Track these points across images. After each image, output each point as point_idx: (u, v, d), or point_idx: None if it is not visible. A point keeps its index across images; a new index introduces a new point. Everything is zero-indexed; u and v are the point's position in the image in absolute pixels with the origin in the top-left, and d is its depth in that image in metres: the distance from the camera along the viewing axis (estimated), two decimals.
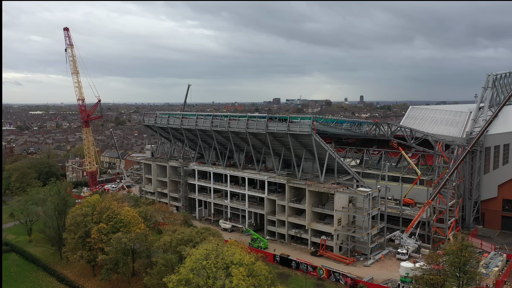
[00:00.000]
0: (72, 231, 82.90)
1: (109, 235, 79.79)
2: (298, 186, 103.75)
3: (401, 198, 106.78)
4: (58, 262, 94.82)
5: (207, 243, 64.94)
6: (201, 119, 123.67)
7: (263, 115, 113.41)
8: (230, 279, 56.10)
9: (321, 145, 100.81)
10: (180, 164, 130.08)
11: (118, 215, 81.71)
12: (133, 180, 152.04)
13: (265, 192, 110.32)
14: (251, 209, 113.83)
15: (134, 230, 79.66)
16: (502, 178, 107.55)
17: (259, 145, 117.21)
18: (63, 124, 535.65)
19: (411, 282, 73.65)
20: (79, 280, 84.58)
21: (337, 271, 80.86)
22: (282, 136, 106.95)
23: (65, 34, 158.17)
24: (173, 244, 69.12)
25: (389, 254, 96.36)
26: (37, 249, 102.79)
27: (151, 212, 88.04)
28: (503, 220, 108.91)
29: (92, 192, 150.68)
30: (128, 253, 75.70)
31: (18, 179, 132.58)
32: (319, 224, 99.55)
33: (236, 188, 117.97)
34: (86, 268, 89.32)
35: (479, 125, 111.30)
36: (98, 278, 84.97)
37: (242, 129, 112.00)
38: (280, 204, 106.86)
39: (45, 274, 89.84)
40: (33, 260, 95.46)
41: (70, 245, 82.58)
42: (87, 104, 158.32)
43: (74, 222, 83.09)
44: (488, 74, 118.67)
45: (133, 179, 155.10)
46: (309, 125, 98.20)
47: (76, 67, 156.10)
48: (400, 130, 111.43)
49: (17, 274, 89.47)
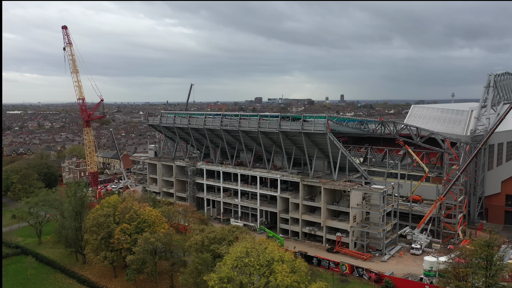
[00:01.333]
0: (94, 232, 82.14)
1: (134, 236, 79.56)
2: (312, 184, 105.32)
3: (411, 195, 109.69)
4: (74, 264, 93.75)
5: (243, 241, 65.66)
6: (210, 119, 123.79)
7: (276, 114, 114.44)
8: (274, 275, 56.98)
9: (335, 143, 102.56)
10: (188, 163, 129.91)
11: (141, 215, 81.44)
12: (136, 180, 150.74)
13: (277, 190, 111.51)
14: (262, 207, 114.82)
15: (158, 230, 79.63)
16: (506, 174, 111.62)
17: (268, 144, 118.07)
18: (45, 124, 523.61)
19: (434, 275, 76.04)
20: (101, 281, 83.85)
21: (360, 267, 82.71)
22: (294, 135, 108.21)
23: (63, 33, 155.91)
24: (205, 243, 69.50)
25: (402, 249, 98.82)
26: (49, 250, 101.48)
27: (173, 212, 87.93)
28: (506, 215, 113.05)
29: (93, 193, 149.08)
30: (156, 253, 75.60)
31: (20, 181, 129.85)
32: (334, 221, 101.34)
33: (247, 187, 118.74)
34: (105, 269, 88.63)
35: (482, 123, 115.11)
36: (119, 279, 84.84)
37: (253, 128, 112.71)
38: (293, 202, 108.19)
39: (63, 276, 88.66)
40: (47, 262, 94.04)
41: (93, 246, 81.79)
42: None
43: (96, 223, 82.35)
44: (489, 74, 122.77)
45: (136, 179, 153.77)
46: (324, 124, 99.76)
47: (76, 66, 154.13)
48: (407, 128, 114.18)
49: (34, 277, 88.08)
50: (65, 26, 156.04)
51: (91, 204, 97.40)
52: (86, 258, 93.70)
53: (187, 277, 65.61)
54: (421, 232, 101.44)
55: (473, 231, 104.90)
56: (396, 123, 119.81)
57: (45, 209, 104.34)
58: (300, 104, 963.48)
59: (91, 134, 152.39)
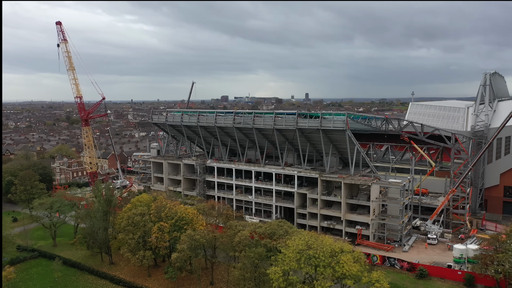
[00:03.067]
0: (130, 231, 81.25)
1: (173, 234, 79.52)
2: (331, 179, 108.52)
3: (420, 188, 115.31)
4: (100, 265, 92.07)
5: (297, 234, 67.64)
6: (221, 117, 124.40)
7: (292, 111, 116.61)
8: (339, 265, 59.31)
9: (352, 140, 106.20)
10: (197, 162, 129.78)
11: (178, 213, 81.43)
12: (138, 180, 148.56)
13: (294, 186, 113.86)
14: (278, 203, 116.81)
15: (197, 227, 79.99)
16: (504, 167, 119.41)
17: (280, 141, 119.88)
18: (8, 123, 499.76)
19: (463, 262, 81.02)
20: (136, 281, 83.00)
21: (392, 257, 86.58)
22: (310, 132, 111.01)
23: (57, 29, 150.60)
24: (256, 237, 70.78)
25: (417, 240, 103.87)
26: (68, 252, 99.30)
27: (208, 209, 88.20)
28: (504, 205, 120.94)
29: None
30: (201, 250, 76.04)
31: (22, 182, 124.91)
32: (354, 214, 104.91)
33: (262, 184, 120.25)
34: (136, 269, 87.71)
35: (481, 119, 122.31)
36: (153, 278, 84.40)
37: (269, 126, 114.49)
38: (311, 198, 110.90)
39: (93, 277, 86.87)
40: (71, 264, 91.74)
41: (130, 246, 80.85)
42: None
43: (131, 222, 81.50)
44: (484, 73, 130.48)
45: (137, 178, 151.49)
46: (343, 121, 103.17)
47: (72, 63, 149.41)
48: (411, 125, 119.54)
49: (62, 279, 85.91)
50: (59, 22, 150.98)
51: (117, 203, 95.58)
52: (114, 259, 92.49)
53: (243, 272, 66.67)
54: (433, 223, 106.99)
55: (479, 221, 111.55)
56: (400, 120, 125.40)
57: (63, 210, 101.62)
58: (267, 103, 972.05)
59: (90, 133, 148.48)
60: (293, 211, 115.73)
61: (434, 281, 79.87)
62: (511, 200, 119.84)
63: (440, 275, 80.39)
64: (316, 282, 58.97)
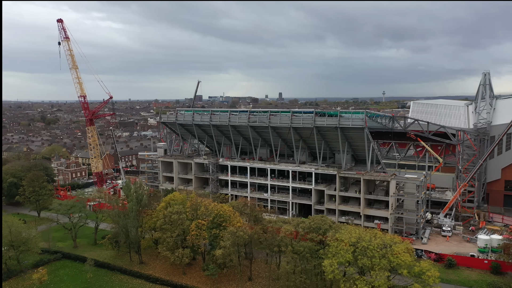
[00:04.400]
0: (168, 229, 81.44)
1: (213, 231, 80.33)
2: (349, 176, 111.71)
3: (431, 183, 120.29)
4: (129, 264, 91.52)
5: (344, 228, 70.11)
6: (235, 115, 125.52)
7: (310, 110, 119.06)
8: (393, 256, 62.06)
9: (369, 137, 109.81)
10: (210, 160, 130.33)
11: (215, 210, 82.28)
12: (145, 179, 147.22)
13: (309, 183, 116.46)
14: (294, 200, 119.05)
15: (235, 224, 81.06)
16: (505, 162, 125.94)
17: (295, 140, 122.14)
18: None
19: (488, 252, 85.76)
20: (172, 279, 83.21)
21: (419, 248, 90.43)
22: (327, 130, 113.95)
23: (59, 27, 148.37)
24: (301, 232, 72.76)
25: (432, 232, 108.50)
26: (91, 253, 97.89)
27: (242, 206, 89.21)
28: (505, 198, 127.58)
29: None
30: (242, 247, 77.25)
31: (30, 183, 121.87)
32: (372, 209, 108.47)
33: (278, 181, 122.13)
34: (168, 267, 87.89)
35: (483, 117, 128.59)
36: (189, 276, 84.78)
37: (285, 124, 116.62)
38: (328, 194, 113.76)
39: (126, 277, 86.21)
40: (100, 264, 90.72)
41: (169, 245, 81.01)
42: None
43: (169, 220, 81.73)
44: (484, 73, 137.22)
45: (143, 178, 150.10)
46: (362, 119, 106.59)
47: (75, 62, 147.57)
48: (417, 123, 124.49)
49: (94, 280, 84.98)
50: (61, 19, 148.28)
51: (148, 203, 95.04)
52: (143, 258, 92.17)
53: (293, 266, 68.44)
54: (445, 217, 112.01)
55: (486, 214, 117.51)
56: (405, 119, 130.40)
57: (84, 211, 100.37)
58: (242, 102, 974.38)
59: (95, 133, 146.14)
60: (308, 207, 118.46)
61: (462, 270, 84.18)
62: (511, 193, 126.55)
63: (467, 265, 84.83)
64: (373, 272, 61.51)
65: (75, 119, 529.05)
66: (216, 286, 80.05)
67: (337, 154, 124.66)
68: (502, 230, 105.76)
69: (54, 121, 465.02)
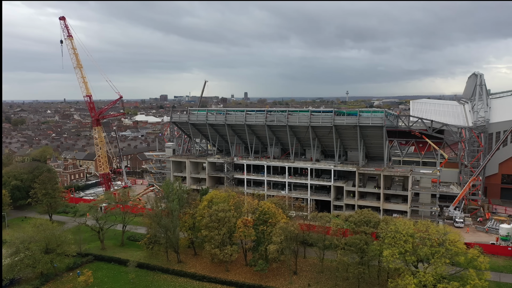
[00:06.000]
0: (215, 227, 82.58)
1: (260, 227, 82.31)
2: (368, 172, 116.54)
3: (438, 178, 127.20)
4: (167, 264, 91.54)
5: (395, 221, 74.24)
6: (252, 115, 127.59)
7: (329, 109, 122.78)
8: (451, 244, 66.71)
9: (385, 135, 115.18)
10: (225, 159, 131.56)
11: (260, 207, 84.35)
12: (154, 179, 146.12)
13: (328, 180, 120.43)
14: (313, 197, 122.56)
15: (279, 220, 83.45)
16: (502, 157, 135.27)
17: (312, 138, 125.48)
18: None
19: (509, 239, 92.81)
20: (218, 276, 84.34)
21: None
22: (345, 129, 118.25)
23: (61, 24, 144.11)
24: (352, 225, 76.29)
25: (444, 224, 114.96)
26: (123, 254, 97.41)
27: (283, 203, 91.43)
28: (502, 191, 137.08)
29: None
30: (293, 241, 79.77)
31: (43, 186, 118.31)
32: (391, 204, 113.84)
33: (296, 179, 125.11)
34: (209, 265, 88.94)
35: (481, 115, 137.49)
36: (232, 272, 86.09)
37: (304, 123, 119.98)
38: (347, 190, 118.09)
39: (170, 276, 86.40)
40: (139, 265, 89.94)
41: (217, 242, 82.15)
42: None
43: (215, 218, 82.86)
44: (476, 74, 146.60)
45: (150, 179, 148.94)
46: (382, 118, 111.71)
47: (79, 61, 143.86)
48: (421, 121, 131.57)
49: (138, 280, 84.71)
50: (63, 17, 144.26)
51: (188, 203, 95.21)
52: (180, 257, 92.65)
53: (350, 258, 71.91)
54: (455, 209, 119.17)
55: (490, 206, 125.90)
56: (411, 117, 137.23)
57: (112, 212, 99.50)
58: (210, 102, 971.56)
59: (102, 133, 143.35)
60: (323, 203, 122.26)
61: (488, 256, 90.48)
62: (508, 186, 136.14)
63: (492, 252, 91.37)
64: (432, 260, 65.84)
65: (43, 120, 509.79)
66: (264, 281, 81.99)
67: (349, 152, 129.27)
68: (508, 219, 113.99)
69: (21, 122, 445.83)
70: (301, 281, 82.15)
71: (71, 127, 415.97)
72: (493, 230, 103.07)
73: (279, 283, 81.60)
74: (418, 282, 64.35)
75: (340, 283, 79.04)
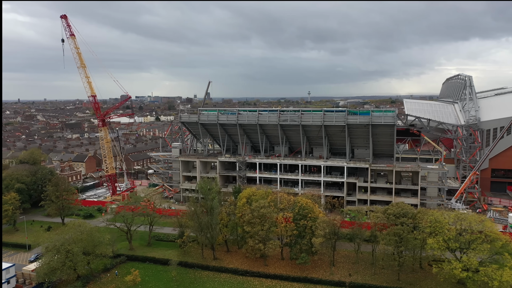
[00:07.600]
0: (257, 223, 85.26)
1: (301, 222, 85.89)
2: (380, 168, 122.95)
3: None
4: (203, 261, 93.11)
5: (429, 212, 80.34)
6: (265, 115, 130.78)
7: (342, 109, 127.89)
8: (488, 230, 73.34)
9: (395, 133, 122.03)
10: (238, 158, 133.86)
11: (298, 203, 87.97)
12: (161, 179, 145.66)
13: (343, 177, 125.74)
14: (326, 193, 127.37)
15: (316, 215, 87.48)
16: (492, 153, 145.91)
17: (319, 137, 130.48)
18: None
19: None
20: (260, 270, 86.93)
21: None
22: (356, 127, 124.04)
23: (63, 23, 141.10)
24: (391, 217, 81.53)
25: None
26: (154, 253, 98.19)
27: (317, 198, 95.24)
28: (491, 184, 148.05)
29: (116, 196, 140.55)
30: (334, 235, 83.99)
31: (56, 188, 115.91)
32: (402, 198, 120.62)
33: (309, 176, 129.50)
34: (245, 260, 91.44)
35: (473, 115, 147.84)
36: (271, 267, 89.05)
37: (317, 122, 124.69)
38: (360, 185, 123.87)
39: (210, 273, 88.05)
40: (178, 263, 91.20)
41: (261, 238, 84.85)
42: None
43: (257, 214, 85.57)
44: (466, 77, 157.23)
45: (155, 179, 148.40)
46: (393, 117, 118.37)
47: (82, 60, 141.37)
48: (419, 120, 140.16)
49: (180, 278, 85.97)
50: (65, 15, 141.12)
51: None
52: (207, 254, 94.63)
53: (394, 248, 77.13)
54: (456, 202, 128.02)
55: (485, 198, 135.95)
56: (408, 116, 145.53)
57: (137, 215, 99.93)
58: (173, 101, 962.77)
59: (107, 134, 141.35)
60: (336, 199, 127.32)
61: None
62: (497, 180, 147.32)
63: None
64: (474, 245, 72.12)
65: (5, 121, 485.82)
66: (305, 273, 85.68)
67: (356, 150, 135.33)
68: (504, 210, 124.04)
69: None
70: (340, 271, 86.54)
71: (40, 128, 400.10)
72: (496, 220, 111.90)
73: (320, 274, 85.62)
74: (463, 266, 70.41)
75: (379, 271, 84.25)
